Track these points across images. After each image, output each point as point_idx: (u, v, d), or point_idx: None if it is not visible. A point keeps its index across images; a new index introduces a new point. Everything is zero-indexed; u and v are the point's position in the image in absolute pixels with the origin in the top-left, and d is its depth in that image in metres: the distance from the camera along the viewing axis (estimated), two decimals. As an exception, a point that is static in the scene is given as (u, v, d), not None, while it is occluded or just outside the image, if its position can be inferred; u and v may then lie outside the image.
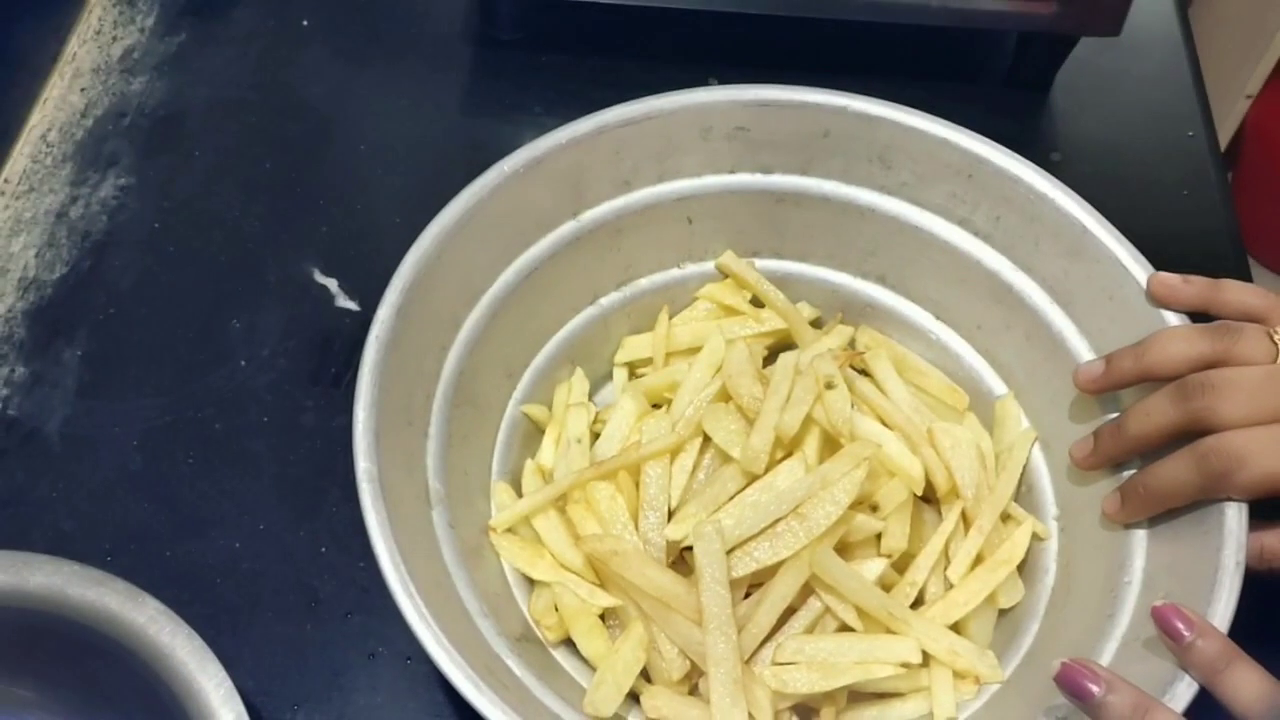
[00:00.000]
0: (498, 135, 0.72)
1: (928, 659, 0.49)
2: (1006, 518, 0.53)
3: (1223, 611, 0.43)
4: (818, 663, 0.47)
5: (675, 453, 0.51)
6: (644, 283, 0.59)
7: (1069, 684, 0.43)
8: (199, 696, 0.43)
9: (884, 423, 0.53)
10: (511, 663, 0.46)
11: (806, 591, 0.49)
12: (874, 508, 0.50)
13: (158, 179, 0.69)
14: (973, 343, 0.58)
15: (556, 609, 0.50)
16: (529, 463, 0.55)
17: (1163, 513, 0.48)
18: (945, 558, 0.51)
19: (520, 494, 0.54)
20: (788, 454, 0.50)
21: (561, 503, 0.52)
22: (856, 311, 0.59)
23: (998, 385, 0.57)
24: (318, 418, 0.60)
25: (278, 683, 0.53)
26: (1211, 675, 0.42)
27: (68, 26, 0.75)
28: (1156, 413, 0.47)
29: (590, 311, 0.58)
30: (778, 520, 0.48)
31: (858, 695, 0.49)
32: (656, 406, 0.56)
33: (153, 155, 0.70)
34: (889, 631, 0.48)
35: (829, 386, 0.51)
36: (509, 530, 0.52)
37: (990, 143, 0.54)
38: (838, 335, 0.58)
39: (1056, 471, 0.54)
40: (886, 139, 0.55)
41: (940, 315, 0.58)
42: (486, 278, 0.54)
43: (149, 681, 0.44)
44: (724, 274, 0.59)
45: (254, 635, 0.54)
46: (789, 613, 0.48)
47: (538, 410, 0.56)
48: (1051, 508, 0.53)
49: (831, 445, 0.51)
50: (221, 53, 0.75)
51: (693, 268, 0.59)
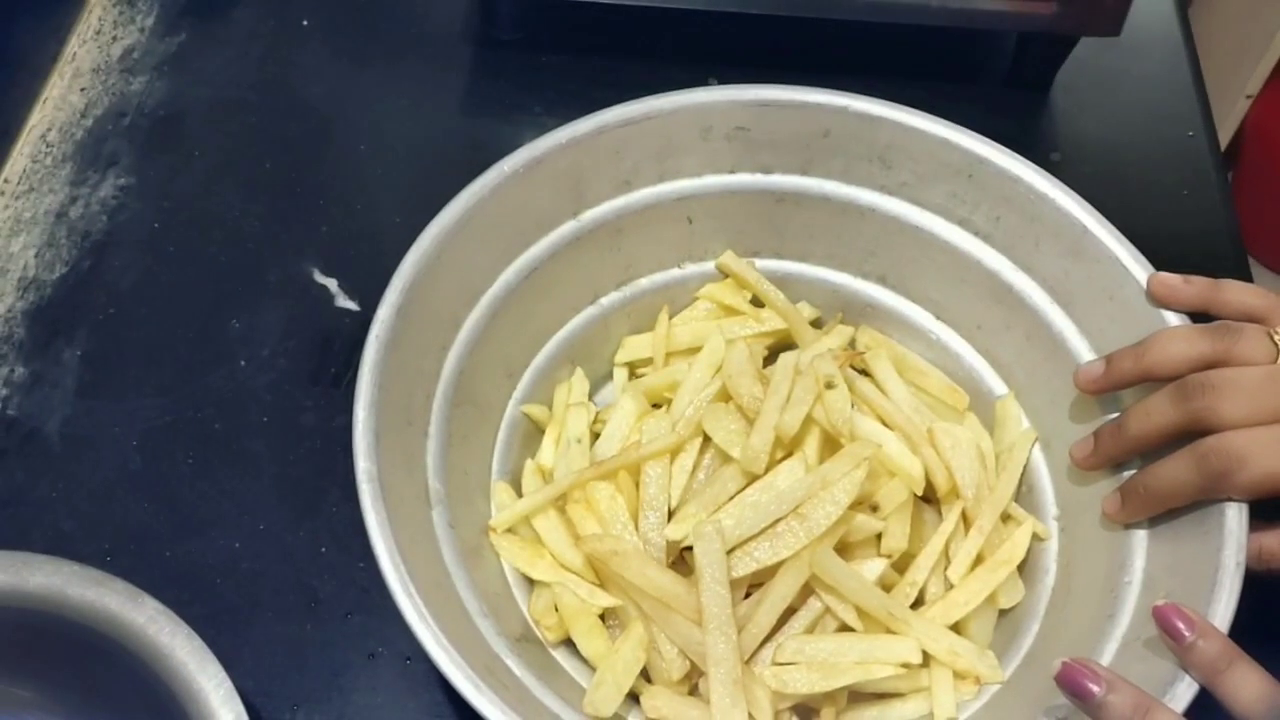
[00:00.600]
0: (498, 135, 0.72)
1: (928, 659, 0.49)
2: (1007, 518, 0.53)
3: (1223, 612, 0.43)
4: (818, 663, 0.47)
5: (675, 453, 0.51)
6: (644, 282, 0.59)
7: (1069, 684, 0.42)
8: (199, 697, 0.43)
9: (884, 423, 0.53)
10: (511, 663, 0.46)
11: (806, 591, 0.49)
12: (874, 508, 0.50)
13: (158, 179, 0.69)
14: (973, 343, 0.58)
15: (556, 609, 0.50)
16: (529, 463, 0.55)
17: (1163, 513, 0.48)
18: (945, 558, 0.51)
19: (520, 494, 0.54)
20: (788, 454, 0.50)
21: (561, 503, 0.52)
22: (856, 311, 0.59)
23: (998, 385, 0.57)
24: (318, 418, 0.60)
25: (277, 683, 0.53)
26: (1212, 675, 0.42)
27: (68, 26, 0.75)
28: (1157, 413, 0.47)
29: (590, 311, 0.58)
30: (778, 520, 0.48)
31: (858, 695, 0.49)
32: (656, 406, 0.56)
33: (153, 155, 0.70)
34: (889, 632, 0.48)
35: (829, 386, 0.51)
36: (509, 530, 0.52)
37: (990, 143, 0.54)
38: (838, 335, 0.58)
39: (1057, 472, 0.54)
40: (887, 139, 0.55)
41: (940, 315, 0.58)
42: (486, 278, 0.54)
43: (149, 682, 0.44)
44: (724, 274, 0.59)
45: (254, 635, 0.54)
46: (789, 613, 0.48)
47: (538, 410, 0.56)
48: (1052, 508, 0.53)
49: (831, 445, 0.50)
50: (221, 53, 0.75)
51: (693, 268, 0.59)
